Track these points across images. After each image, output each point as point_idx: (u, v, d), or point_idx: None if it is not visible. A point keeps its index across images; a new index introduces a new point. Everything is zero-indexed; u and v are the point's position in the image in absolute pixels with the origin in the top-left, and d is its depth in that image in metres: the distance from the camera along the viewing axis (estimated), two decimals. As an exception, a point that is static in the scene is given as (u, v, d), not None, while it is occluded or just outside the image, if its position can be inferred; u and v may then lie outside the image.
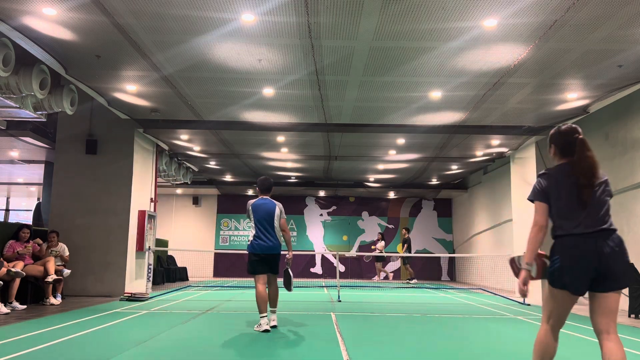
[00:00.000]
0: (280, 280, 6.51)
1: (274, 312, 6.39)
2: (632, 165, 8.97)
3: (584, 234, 2.93)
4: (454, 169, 15.84)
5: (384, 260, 18.41)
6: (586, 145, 3.07)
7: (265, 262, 6.29)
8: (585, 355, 4.92)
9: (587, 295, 3.07)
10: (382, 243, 17.92)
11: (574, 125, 3.19)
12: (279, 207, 6.49)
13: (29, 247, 8.65)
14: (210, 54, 7.23)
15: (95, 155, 10.72)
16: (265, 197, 6.56)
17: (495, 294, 12.29)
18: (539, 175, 3.17)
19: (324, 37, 6.64)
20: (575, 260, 2.91)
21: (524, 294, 3.06)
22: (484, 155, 13.54)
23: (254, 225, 6.38)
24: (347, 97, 9.04)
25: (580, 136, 3.11)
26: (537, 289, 11.08)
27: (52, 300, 8.62)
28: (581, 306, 9.92)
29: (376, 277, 18.30)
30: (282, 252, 6.50)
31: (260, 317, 6.12)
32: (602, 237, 2.91)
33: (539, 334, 3.09)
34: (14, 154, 13.51)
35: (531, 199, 3.18)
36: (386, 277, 18.38)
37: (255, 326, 6.31)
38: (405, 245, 17.59)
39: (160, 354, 4.63)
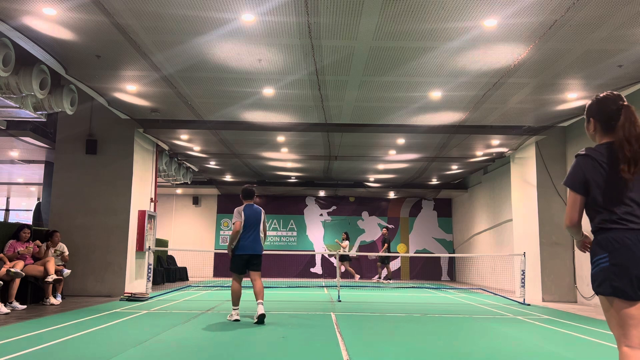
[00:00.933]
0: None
1: (261, 303, 6.89)
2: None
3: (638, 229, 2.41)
4: (454, 169, 15.84)
5: (349, 260, 18.17)
6: (633, 114, 2.53)
7: (247, 262, 7.01)
8: (586, 356, 4.92)
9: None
10: (347, 242, 17.68)
11: (616, 92, 2.63)
12: (263, 213, 7.29)
13: (30, 248, 8.64)
14: (210, 54, 7.23)
15: (95, 155, 10.72)
16: (250, 203, 7.25)
17: (495, 294, 12.29)
18: (577, 156, 2.59)
19: (324, 37, 6.64)
20: (629, 260, 2.39)
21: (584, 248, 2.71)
22: (484, 155, 13.54)
23: (242, 229, 7.03)
24: (347, 97, 9.04)
25: (626, 103, 2.57)
26: (537, 289, 11.08)
27: (52, 300, 8.62)
28: (582, 306, 9.92)
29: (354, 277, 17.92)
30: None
31: (233, 308, 7.01)
32: None
33: None
34: (14, 154, 13.51)
35: (566, 184, 2.60)
36: (351, 277, 17.94)
37: (228, 316, 7.11)
38: (386, 244, 17.26)
39: (160, 354, 4.63)
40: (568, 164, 11.17)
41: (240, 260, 6.98)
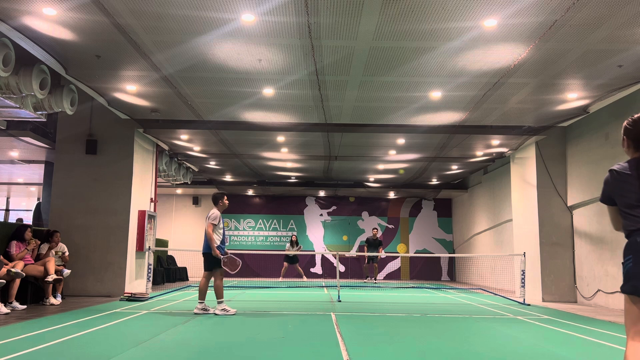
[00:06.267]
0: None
1: (200, 302, 7.76)
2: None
3: None
4: (454, 169, 15.84)
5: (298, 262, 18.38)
6: None
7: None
8: (586, 356, 4.92)
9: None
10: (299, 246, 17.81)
11: None
12: (209, 214, 8.01)
13: (37, 242, 8.72)
14: (210, 54, 7.23)
15: (95, 155, 10.71)
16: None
17: (495, 294, 12.29)
18: (609, 171, 2.84)
19: (324, 37, 6.64)
20: None
21: None
22: (484, 155, 13.54)
23: None
24: (347, 97, 9.04)
25: None
26: (537, 289, 11.09)
27: (52, 300, 8.62)
28: (582, 306, 9.92)
29: (304, 277, 18.04)
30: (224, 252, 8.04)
31: (198, 302, 7.77)
32: None
33: (626, 355, 2.65)
34: (14, 154, 13.50)
35: (600, 200, 2.91)
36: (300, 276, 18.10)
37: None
38: (365, 246, 17.30)
39: (160, 354, 4.63)
40: (568, 164, 11.18)
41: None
